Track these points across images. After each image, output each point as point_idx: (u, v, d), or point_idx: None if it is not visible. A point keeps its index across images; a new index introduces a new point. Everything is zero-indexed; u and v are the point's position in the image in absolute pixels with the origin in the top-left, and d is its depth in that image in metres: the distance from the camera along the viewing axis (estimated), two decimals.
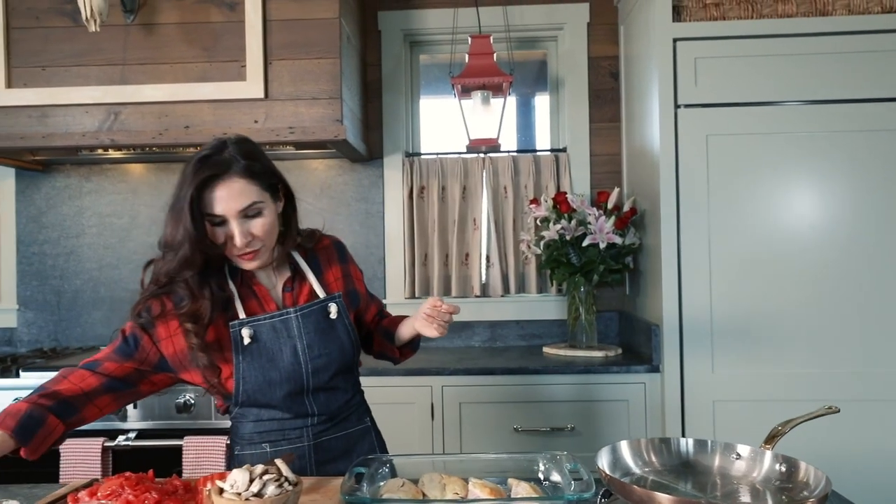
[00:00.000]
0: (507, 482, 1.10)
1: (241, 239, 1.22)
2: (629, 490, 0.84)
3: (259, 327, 1.29)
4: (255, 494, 0.92)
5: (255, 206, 1.23)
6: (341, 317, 1.36)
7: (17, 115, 2.36)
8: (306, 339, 1.31)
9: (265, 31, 2.33)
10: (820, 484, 0.85)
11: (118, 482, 1.00)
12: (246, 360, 1.28)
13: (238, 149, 1.25)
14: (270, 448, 1.33)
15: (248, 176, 1.22)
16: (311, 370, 1.31)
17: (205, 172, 1.19)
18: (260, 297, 1.34)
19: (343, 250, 1.51)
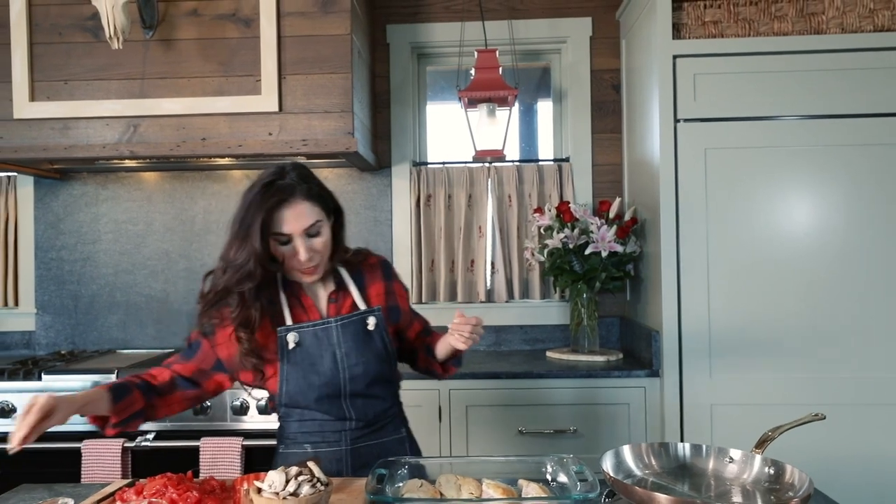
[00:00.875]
0: (518, 483, 1.19)
1: (305, 255, 1.35)
2: (631, 491, 0.93)
3: (303, 334, 1.41)
4: (292, 494, 1.01)
5: (316, 225, 1.36)
6: (379, 329, 1.46)
7: (40, 128, 2.45)
8: (344, 348, 1.42)
9: (279, 47, 2.42)
10: (804, 485, 0.93)
11: (161, 482, 1.09)
12: (289, 363, 1.40)
13: (297, 174, 1.38)
14: (311, 448, 1.44)
15: (309, 198, 1.36)
16: (349, 376, 1.42)
17: (274, 197, 1.32)
18: (306, 306, 1.46)
19: (388, 269, 1.59)
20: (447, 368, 1.60)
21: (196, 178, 2.97)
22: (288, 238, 1.35)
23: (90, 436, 2.30)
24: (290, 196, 1.33)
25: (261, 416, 2.33)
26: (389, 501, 1.08)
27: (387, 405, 1.52)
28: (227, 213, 2.92)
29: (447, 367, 1.60)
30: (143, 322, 2.97)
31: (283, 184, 1.34)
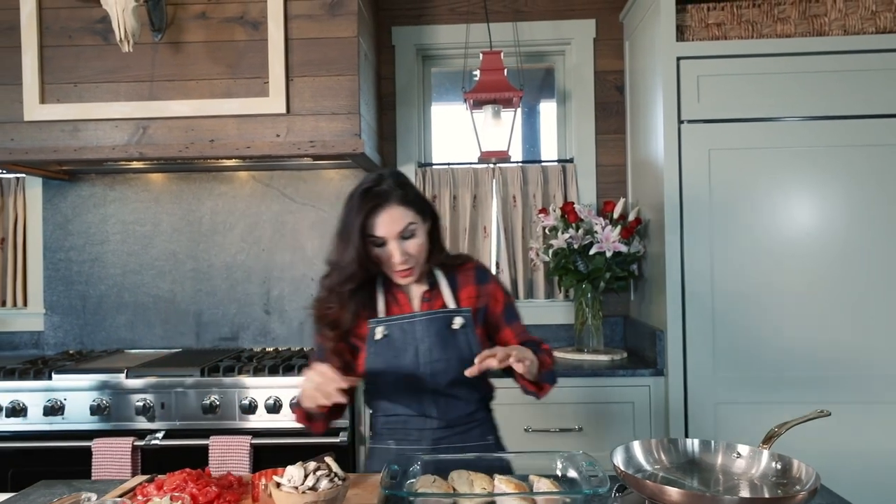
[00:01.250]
0: (529, 478, 1.21)
1: (399, 257, 1.41)
2: (642, 485, 0.95)
3: (391, 326, 1.47)
4: (311, 488, 1.03)
5: (409, 228, 1.42)
6: (465, 330, 1.49)
7: (50, 130, 2.47)
8: (427, 343, 1.46)
9: (287, 50, 2.44)
10: (811, 479, 0.96)
11: (181, 477, 1.11)
12: (375, 353, 1.47)
13: (393, 181, 1.44)
14: (395, 444, 1.48)
15: (404, 203, 1.41)
16: (430, 372, 1.45)
17: (371, 202, 1.40)
18: (400, 303, 1.52)
19: (483, 274, 1.59)
20: (542, 387, 1.53)
21: (203, 179, 2.99)
22: (383, 241, 1.41)
23: (100, 434, 2.33)
24: (386, 201, 1.40)
25: (269, 415, 2.35)
26: (403, 496, 1.11)
27: (471, 409, 1.53)
28: (235, 213, 2.98)
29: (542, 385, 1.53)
30: (151, 322, 2.99)
31: (378, 189, 1.41)
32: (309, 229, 2.98)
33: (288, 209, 2.98)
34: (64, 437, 2.35)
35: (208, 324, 2.99)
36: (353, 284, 1.43)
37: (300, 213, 2.98)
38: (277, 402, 2.35)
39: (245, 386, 2.37)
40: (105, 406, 2.36)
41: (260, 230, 2.98)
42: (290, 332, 2.98)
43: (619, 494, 1.07)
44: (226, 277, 2.98)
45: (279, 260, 2.98)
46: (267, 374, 2.39)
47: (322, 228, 2.97)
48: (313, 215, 2.97)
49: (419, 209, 1.45)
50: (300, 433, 2.32)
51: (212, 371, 2.41)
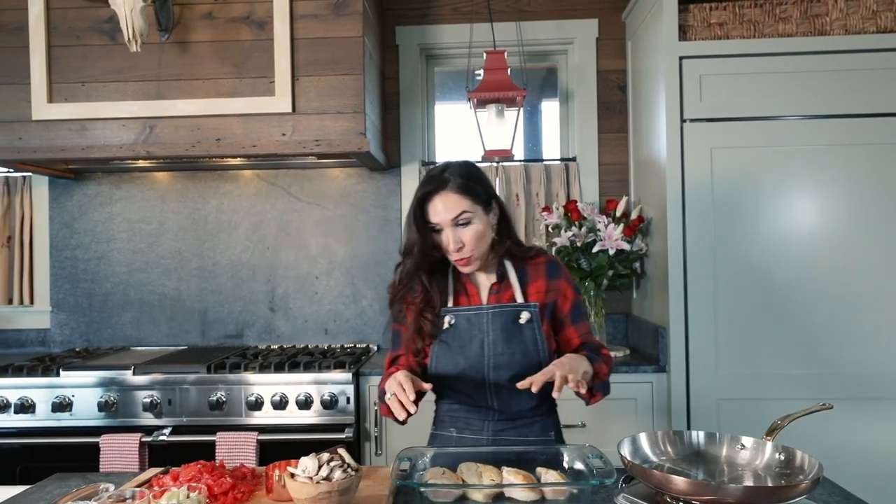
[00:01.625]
0: (536, 471, 1.23)
1: (452, 244, 1.42)
2: (649, 474, 0.97)
3: (458, 316, 1.49)
4: (325, 478, 1.06)
5: (464, 216, 1.41)
6: (532, 324, 1.48)
7: (58, 129, 2.49)
8: (492, 336, 1.46)
9: (293, 49, 2.46)
10: (814, 469, 0.98)
11: (196, 469, 1.14)
12: (441, 343, 1.48)
13: (456, 169, 1.45)
14: (456, 433, 1.49)
15: (460, 191, 1.41)
16: (493, 364, 1.45)
17: (427, 188, 1.43)
18: (469, 293, 1.53)
19: (555, 269, 1.57)
20: (593, 394, 1.52)
21: (208, 178, 3.01)
22: (439, 227, 1.43)
23: (108, 430, 2.35)
24: (441, 187, 1.41)
25: (275, 412, 2.37)
26: (414, 486, 1.13)
27: (533, 403, 1.51)
28: (239, 212, 3.00)
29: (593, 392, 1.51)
30: (157, 320, 3.01)
31: (439, 176, 1.43)
32: (314, 227, 3.00)
33: (293, 207, 3.00)
34: (72, 434, 2.37)
35: (213, 321, 3.01)
36: (421, 271, 1.46)
37: (305, 211, 3.00)
38: (283, 398, 2.37)
39: (251, 382, 2.39)
40: (112, 402, 2.38)
41: (265, 228, 3.00)
42: (294, 329, 3.00)
43: (626, 485, 1.09)
44: (231, 275, 3.01)
45: (284, 258, 3.00)
46: (273, 370, 2.41)
47: (327, 227, 3.00)
48: (318, 213, 3.00)
49: (479, 199, 1.44)
50: (306, 429, 2.36)
51: (218, 368, 2.43)
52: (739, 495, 0.91)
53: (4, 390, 2.38)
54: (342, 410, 2.38)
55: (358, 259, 2.99)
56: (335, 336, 2.99)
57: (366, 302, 2.99)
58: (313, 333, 3.00)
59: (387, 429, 2.44)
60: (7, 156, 2.51)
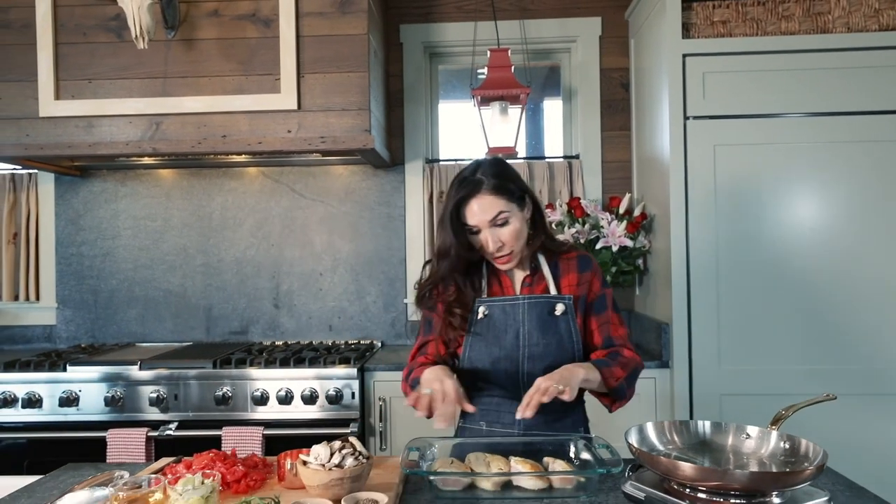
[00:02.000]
0: (544, 460, 1.25)
1: (492, 245, 1.43)
2: (656, 461, 0.99)
3: (492, 307, 1.49)
4: (337, 465, 1.07)
5: (501, 216, 1.42)
6: (566, 316, 1.48)
7: (65, 125, 2.51)
8: (527, 326, 1.47)
9: (298, 47, 2.48)
10: (818, 456, 0.99)
11: (209, 458, 1.15)
12: (475, 333, 1.49)
13: (488, 169, 1.44)
14: (486, 426, 1.49)
15: (495, 192, 1.41)
16: (528, 355, 1.46)
17: (461, 192, 1.42)
18: (504, 286, 1.53)
19: (585, 262, 1.56)
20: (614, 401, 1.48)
21: (213, 175, 3.03)
22: (476, 229, 1.43)
23: (114, 425, 2.37)
24: (476, 190, 1.41)
25: (280, 406, 2.39)
26: (423, 475, 1.14)
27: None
28: (245, 209, 3.02)
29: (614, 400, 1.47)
30: (162, 316, 3.03)
31: (471, 179, 1.43)
32: (318, 224, 3.01)
33: (297, 205, 3.01)
34: (78, 428, 2.39)
35: (218, 318, 3.02)
36: (457, 271, 1.47)
37: (309, 208, 3.01)
38: (289, 393, 2.38)
39: (257, 377, 2.41)
40: (119, 397, 2.40)
41: (269, 225, 3.02)
42: (299, 326, 3.01)
43: (633, 474, 1.10)
44: (236, 272, 3.02)
45: (288, 255, 3.02)
46: (278, 366, 2.42)
47: (331, 224, 3.01)
48: (322, 211, 3.01)
49: (513, 197, 1.44)
50: (311, 424, 2.37)
51: (224, 363, 2.45)
52: (745, 481, 0.92)
53: (12, 385, 2.40)
54: (347, 405, 2.40)
55: (362, 256, 3.01)
56: (339, 333, 3.01)
57: (370, 299, 3.00)
58: (317, 330, 3.01)
59: (391, 424, 2.46)
60: (14, 152, 2.52)
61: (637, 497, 1.05)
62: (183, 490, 0.99)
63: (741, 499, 0.96)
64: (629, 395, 1.46)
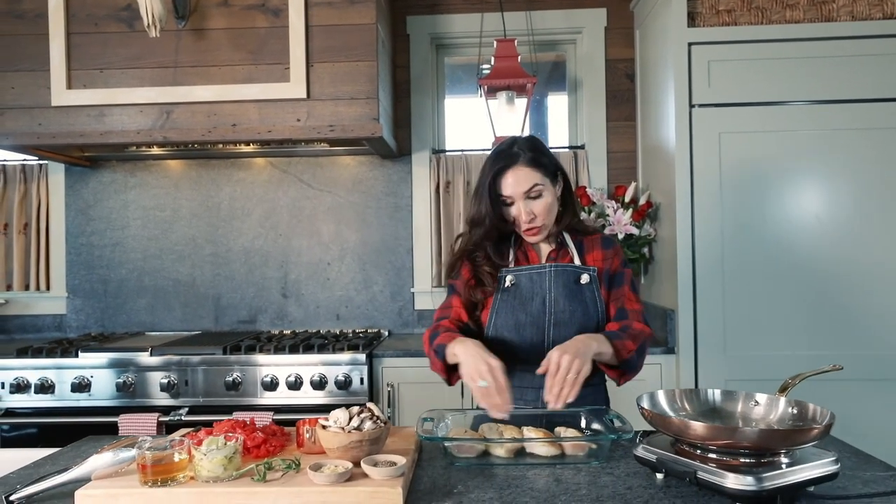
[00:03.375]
0: (556, 429, 1.27)
1: (525, 216, 1.47)
2: (668, 422, 1.01)
3: (519, 275, 1.53)
4: (356, 429, 1.10)
5: (535, 189, 1.47)
6: (591, 286, 1.52)
7: (77, 115, 2.54)
8: (554, 293, 1.50)
9: (307, 36, 2.50)
10: (826, 417, 1.02)
11: (229, 424, 1.18)
12: (503, 299, 1.52)
13: (524, 143, 1.50)
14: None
15: (531, 165, 1.47)
16: (554, 321, 1.49)
17: (499, 163, 1.48)
18: (530, 257, 1.57)
19: (609, 241, 1.59)
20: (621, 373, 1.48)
21: (222, 165, 3.06)
22: (511, 200, 1.48)
23: (126, 410, 2.40)
24: (513, 162, 1.46)
25: (290, 392, 2.42)
26: (438, 440, 1.17)
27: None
28: (253, 199, 3.05)
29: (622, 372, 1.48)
30: (171, 305, 3.06)
31: (508, 152, 1.48)
32: (325, 214, 3.04)
33: (305, 195, 3.04)
34: (90, 413, 2.42)
35: (227, 307, 3.05)
36: (490, 240, 1.51)
37: (317, 198, 3.04)
38: (298, 378, 2.41)
39: (266, 364, 2.43)
40: (130, 383, 2.43)
41: (277, 215, 3.05)
42: (306, 314, 3.04)
43: (643, 439, 1.13)
44: (244, 262, 3.05)
45: (296, 245, 3.04)
46: (287, 352, 2.45)
47: (338, 214, 3.04)
48: (330, 200, 3.04)
49: (547, 172, 1.49)
50: (320, 409, 2.39)
51: (233, 349, 2.48)
52: (755, 438, 0.94)
53: (25, 371, 2.43)
54: (355, 391, 2.42)
55: (369, 246, 3.03)
56: (347, 321, 3.03)
57: (377, 288, 3.03)
58: (325, 319, 3.04)
59: (400, 409, 2.48)
60: (27, 141, 2.55)
61: (649, 459, 1.07)
62: (207, 450, 1.02)
63: (751, 458, 0.98)
64: (639, 366, 1.47)
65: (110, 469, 1.05)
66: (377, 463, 1.07)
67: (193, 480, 1.04)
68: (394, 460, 1.08)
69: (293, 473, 1.06)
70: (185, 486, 1.02)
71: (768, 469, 0.96)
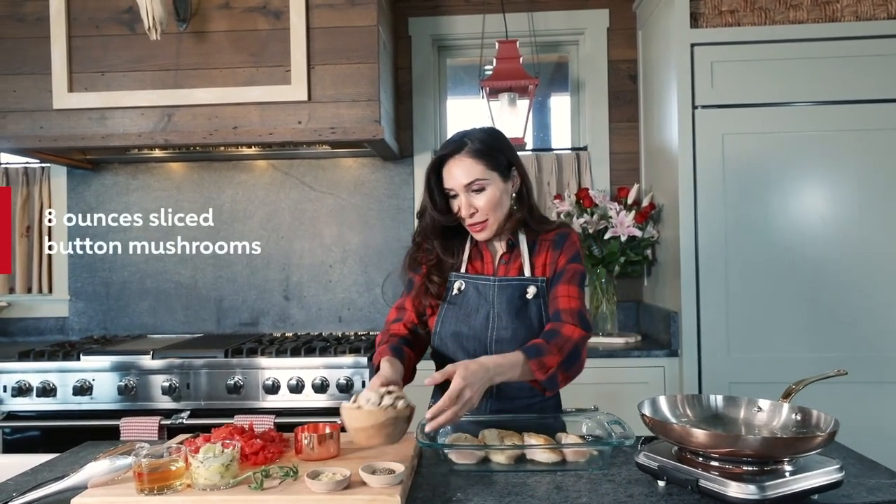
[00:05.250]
0: (557, 435, 1.26)
1: (465, 210, 1.40)
2: (669, 429, 1.00)
3: (467, 284, 1.47)
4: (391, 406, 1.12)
5: (478, 182, 1.39)
6: (538, 300, 1.43)
7: (78, 118, 2.54)
8: (497, 309, 1.43)
9: (308, 38, 2.50)
10: (830, 424, 1.00)
11: (227, 431, 1.17)
12: (449, 307, 1.47)
13: (476, 134, 1.43)
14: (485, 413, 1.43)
15: (475, 156, 1.39)
16: (495, 338, 1.42)
17: (442, 151, 1.42)
18: (485, 260, 1.51)
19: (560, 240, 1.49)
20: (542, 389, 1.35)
21: (223, 168, 3.05)
22: (454, 192, 1.41)
23: (127, 413, 2.39)
24: (457, 151, 1.39)
25: (291, 395, 2.41)
26: (438, 447, 1.16)
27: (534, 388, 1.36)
28: (255, 201, 3.04)
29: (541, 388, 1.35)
30: (173, 308, 3.05)
31: (455, 139, 1.42)
32: (327, 217, 3.03)
33: (307, 197, 3.03)
34: (92, 416, 2.41)
35: (228, 310, 3.05)
36: (433, 235, 1.45)
37: (319, 201, 3.03)
38: (300, 382, 2.40)
39: (267, 367, 2.43)
40: (132, 386, 2.42)
41: (279, 218, 3.04)
42: (308, 317, 3.03)
43: (644, 446, 1.12)
44: (246, 264, 3.04)
45: (298, 247, 3.04)
46: (289, 355, 2.44)
47: (340, 216, 3.03)
48: (332, 203, 3.03)
49: (496, 165, 1.40)
50: (322, 412, 2.38)
51: (235, 352, 2.47)
52: (758, 446, 0.93)
53: (26, 374, 2.42)
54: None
55: (371, 248, 3.02)
56: (349, 324, 3.03)
57: (379, 290, 3.02)
58: (327, 321, 3.03)
59: None
60: (28, 144, 2.55)
61: (650, 467, 1.06)
62: (204, 458, 1.01)
63: (753, 466, 0.97)
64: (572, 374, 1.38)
65: (107, 477, 1.04)
66: (375, 470, 1.06)
67: (190, 488, 1.03)
68: (392, 467, 1.07)
69: (291, 481, 1.06)
70: (182, 495, 1.01)
71: (771, 477, 0.94)
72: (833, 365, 2.30)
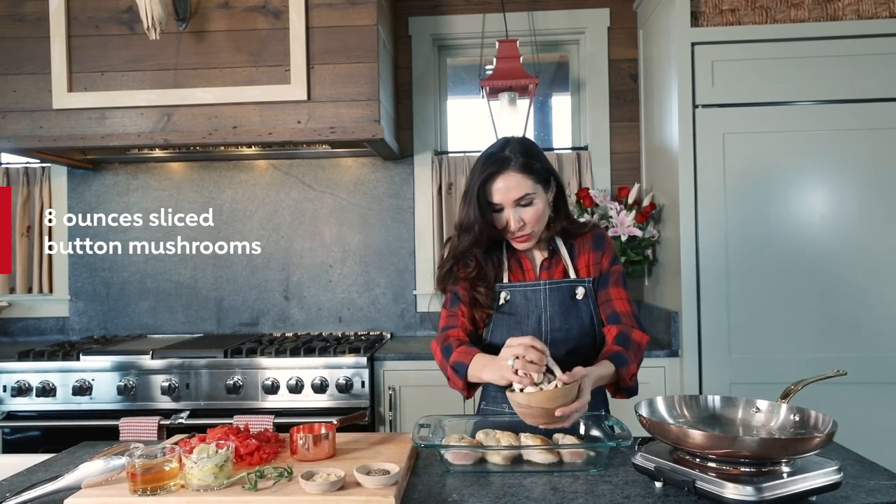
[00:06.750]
0: (554, 436, 1.25)
1: (514, 224, 1.42)
2: (666, 430, 0.99)
3: (514, 292, 1.49)
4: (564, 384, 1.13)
5: (527, 197, 1.40)
6: (587, 300, 1.48)
7: (78, 117, 2.54)
8: (550, 311, 1.46)
9: (308, 38, 2.49)
10: (828, 425, 1.00)
11: (222, 431, 1.17)
12: (498, 317, 1.48)
13: (517, 147, 1.42)
14: (509, 409, 1.43)
15: (523, 171, 1.39)
16: (550, 340, 1.44)
17: (488, 168, 1.40)
18: (525, 268, 1.52)
19: (599, 241, 1.53)
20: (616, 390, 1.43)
21: (223, 167, 3.05)
22: (500, 207, 1.41)
23: (127, 413, 2.39)
24: (504, 168, 1.39)
25: (291, 395, 2.41)
26: (434, 447, 1.15)
27: None
28: (255, 201, 3.04)
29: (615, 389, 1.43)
30: (173, 308, 3.05)
31: (500, 156, 1.41)
32: (327, 216, 3.03)
33: (307, 197, 3.03)
34: (91, 416, 2.41)
35: (229, 310, 3.04)
36: (479, 248, 1.45)
37: (319, 200, 3.03)
38: (299, 382, 2.40)
39: (267, 367, 2.42)
40: (131, 386, 2.42)
41: (279, 218, 3.04)
42: (308, 317, 3.03)
43: (642, 447, 1.11)
44: (246, 264, 3.04)
45: (298, 247, 3.03)
46: (288, 355, 2.44)
47: (340, 216, 3.03)
48: (332, 203, 3.03)
49: (540, 178, 1.42)
50: (321, 413, 2.38)
51: (235, 353, 2.47)
52: (755, 447, 0.92)
53: (26, 374, 2.43)
54: (357, 394, 2.41)
55: (371, 248, 3.02)
56: (349, 324, 3.02)
57: (379, 290, 3.01)
58: (327, 321, 3.03)
59: (401, 413, 2.47)
60: (28, 144, 2.55)
61: (647, 468, 1.05)
62: (198, 458, 1.01)
63: (751, 467, 0.96)
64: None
65: (101, 477, 1.04)
66: (370, 471, 1.06)
67: (184, 489, 1.03)
68: (387, 468, 1.06)
69: (285, 482, 1.05)
70: (175, 495, 1.01)
71: (769, 479, 0.94)
72: (834, 365, 2.29)
